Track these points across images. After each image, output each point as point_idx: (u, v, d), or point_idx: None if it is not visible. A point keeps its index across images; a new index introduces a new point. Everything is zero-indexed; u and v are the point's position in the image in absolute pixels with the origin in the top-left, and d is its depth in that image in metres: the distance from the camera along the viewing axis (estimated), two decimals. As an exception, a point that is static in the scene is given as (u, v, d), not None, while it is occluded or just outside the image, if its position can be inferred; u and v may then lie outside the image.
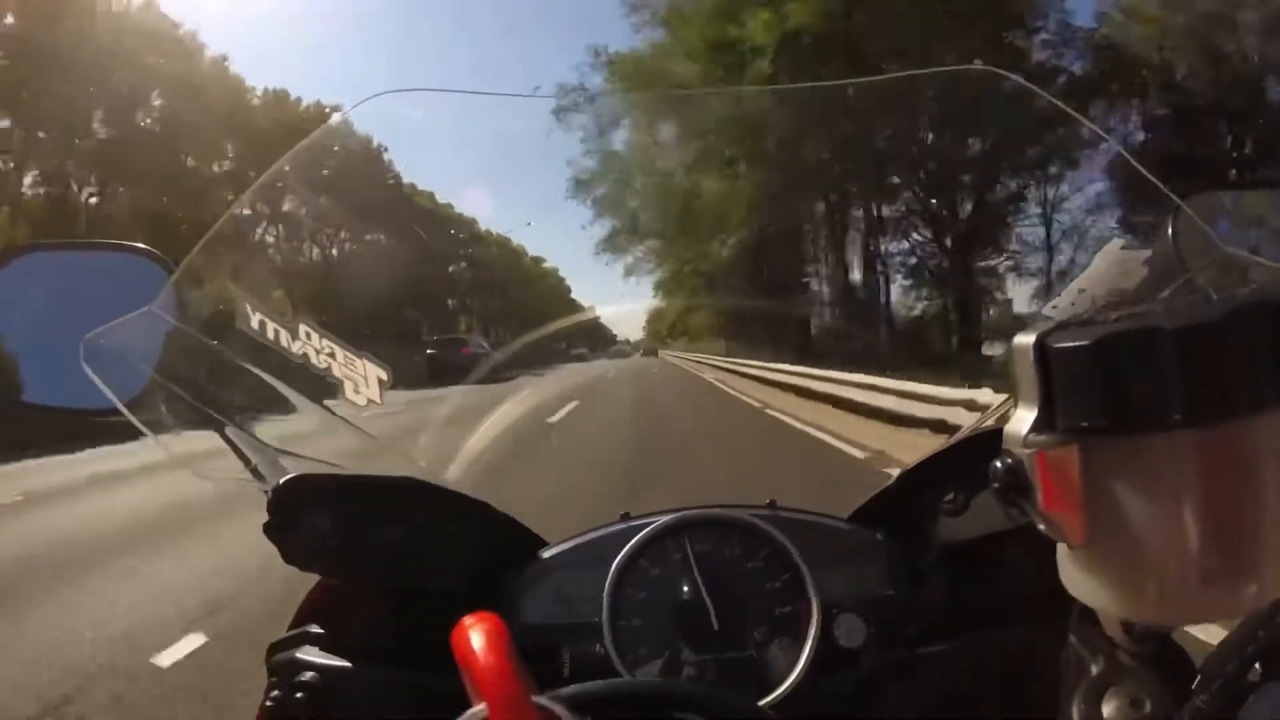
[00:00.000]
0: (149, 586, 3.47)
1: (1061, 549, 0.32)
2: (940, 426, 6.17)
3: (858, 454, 6.21)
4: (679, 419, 8.72)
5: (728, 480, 4.74)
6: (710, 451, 6.30)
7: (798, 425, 8.19)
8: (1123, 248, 0.63)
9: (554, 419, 6.24)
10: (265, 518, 0.57)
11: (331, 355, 0.62)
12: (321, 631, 0.61)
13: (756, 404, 10.40)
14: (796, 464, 6.01)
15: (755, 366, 14.06)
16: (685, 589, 0.60)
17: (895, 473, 0.67)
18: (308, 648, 0.59)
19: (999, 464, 0.31)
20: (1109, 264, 0.63)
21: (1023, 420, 0.30)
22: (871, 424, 7.77)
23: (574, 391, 7.31)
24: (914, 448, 5.45)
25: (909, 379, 8.31)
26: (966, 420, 4.25)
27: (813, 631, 0.57)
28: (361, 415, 0.61)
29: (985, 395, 5.84)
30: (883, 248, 22.21)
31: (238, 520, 3.78)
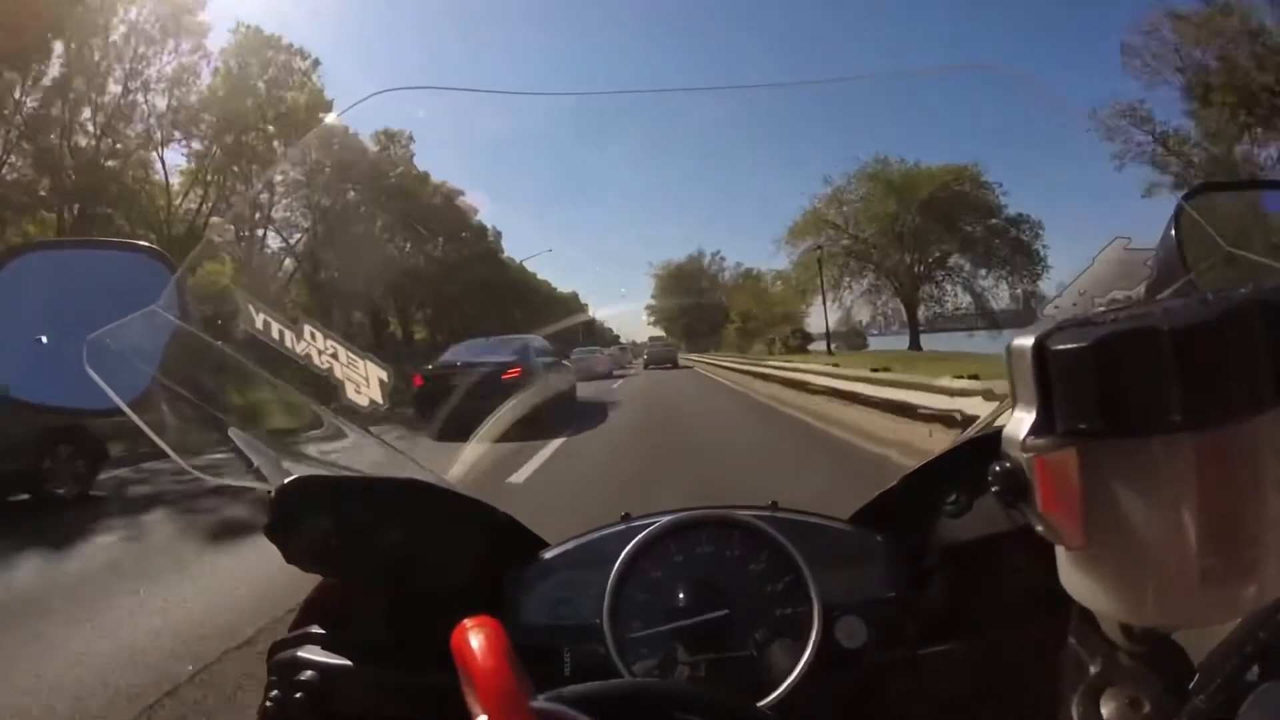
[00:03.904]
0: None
1: (1061, 551, 0.32)
2: None
3: None
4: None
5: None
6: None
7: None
8: (1124, 248, 0.63)
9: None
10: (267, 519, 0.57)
11: (334, 356, 0.62)
12: (322, 631, 0.61)
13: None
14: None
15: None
16: (686, 590, 0.60)
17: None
18: (308, 647, 0.59)
19: (998, 466, 0.31)
20: (1110, 264, 0.63)
21: (1021, 422, 0.30)
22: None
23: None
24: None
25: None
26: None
27: (814, 633, 0.57)
28: (363, 416, 0.61)
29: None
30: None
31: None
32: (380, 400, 0.61)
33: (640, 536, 0.62)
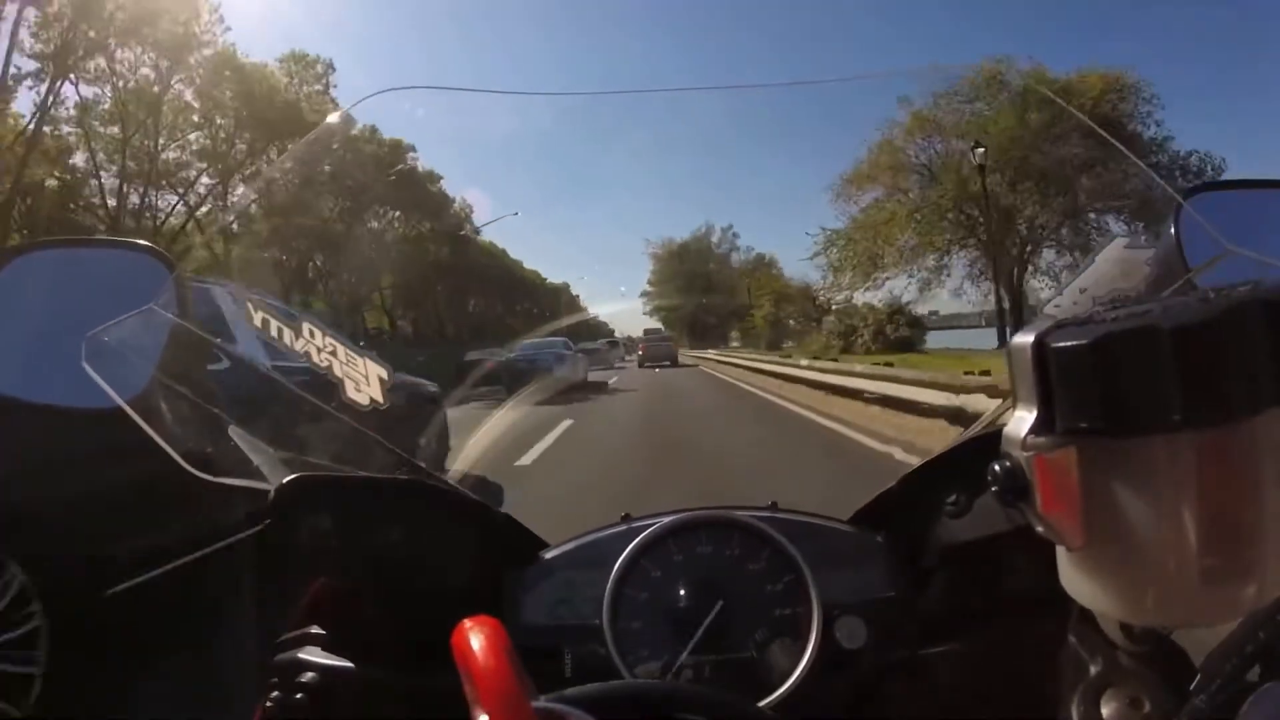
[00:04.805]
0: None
1: (1061, 551, 0.32)
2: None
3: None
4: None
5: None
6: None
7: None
8: (1125, 246, 0.63)
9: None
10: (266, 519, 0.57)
11: (333, 354, 0.62)
12: (322, 631, 0.61)
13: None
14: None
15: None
16: (686, 591, 0.60)
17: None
18: (308, 648, 0.59)
19: (998, 466, 0.31)
20: (1111, 263, 0.63)
21: (1021, 422, 0.30)
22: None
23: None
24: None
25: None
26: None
27: (814, 633, 0.57)
28: (363, 415, 0.61)
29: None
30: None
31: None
32: (380, 399, 0.61)
33: (641, 537, 0.62)
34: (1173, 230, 0.65)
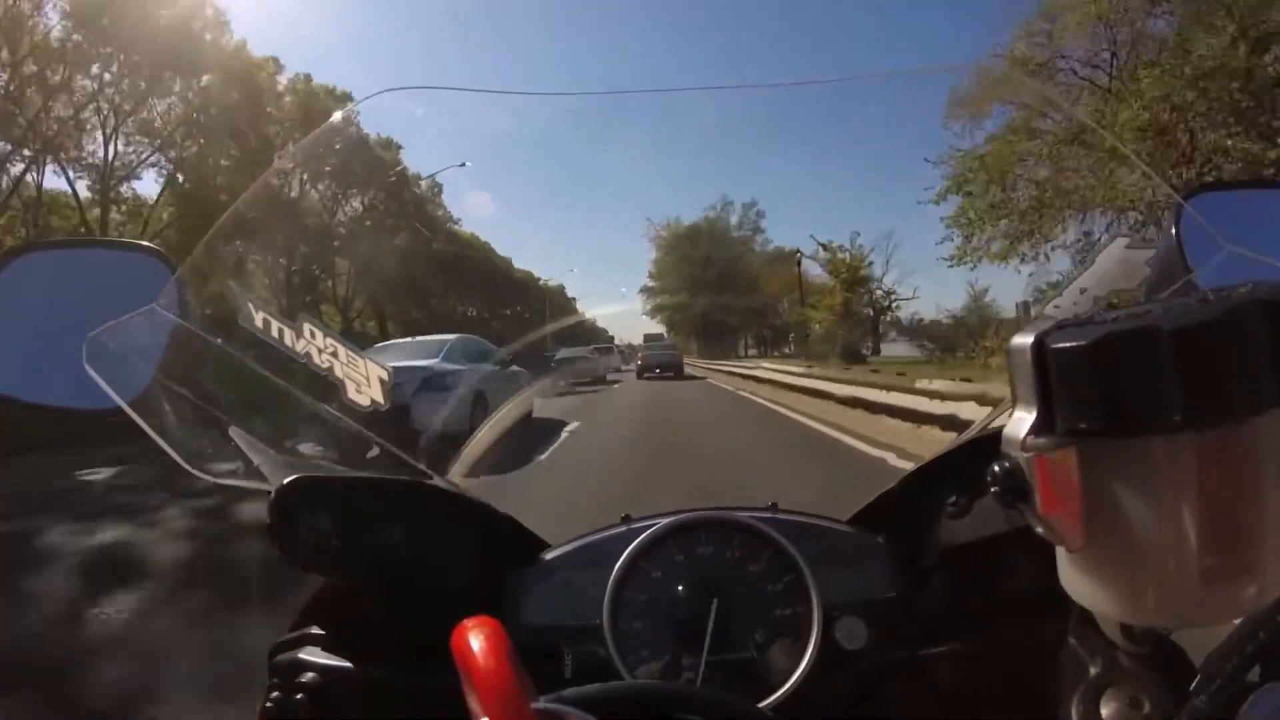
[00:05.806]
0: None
1: (1061, 551, 0.32)
2: None
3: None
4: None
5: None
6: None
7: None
8: (1126, 247, 0.63)
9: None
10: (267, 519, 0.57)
11: (334, 355, 0.62)
12: (322, 632, 0.61)
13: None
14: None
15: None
16: (686, 591, 0.60)
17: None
18: (309, 648, 0.59)
19: (998, 467, 0.31)
20: (1111, 263, 0.63)
21: (1021, 422, 0.30)
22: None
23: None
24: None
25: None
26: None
27: (814, 633, 0.57)
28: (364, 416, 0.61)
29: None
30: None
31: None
32: (381, 400, 0.61)
33: (641, 538, 0.62)
34: (1173, 230, 0.65)
